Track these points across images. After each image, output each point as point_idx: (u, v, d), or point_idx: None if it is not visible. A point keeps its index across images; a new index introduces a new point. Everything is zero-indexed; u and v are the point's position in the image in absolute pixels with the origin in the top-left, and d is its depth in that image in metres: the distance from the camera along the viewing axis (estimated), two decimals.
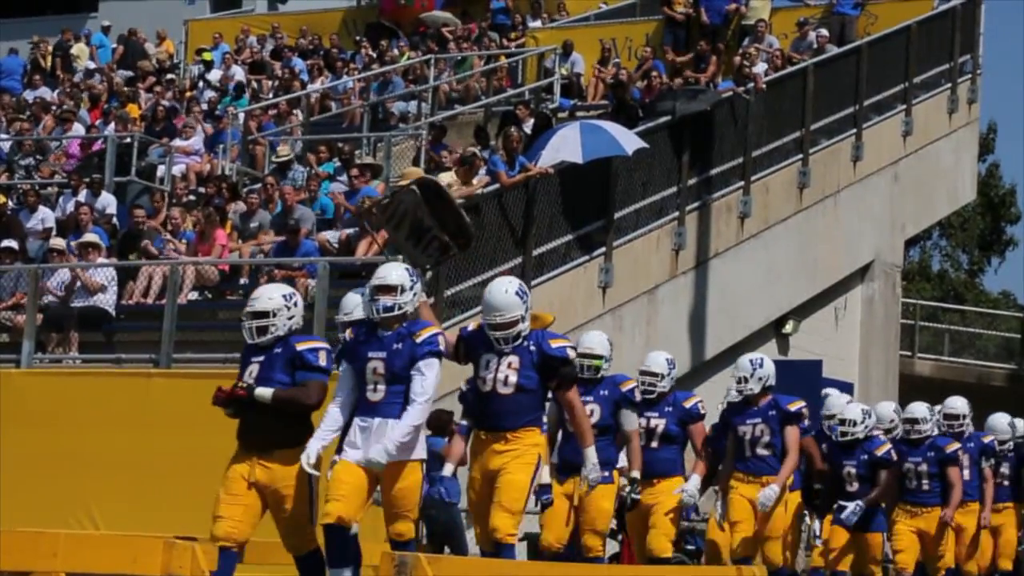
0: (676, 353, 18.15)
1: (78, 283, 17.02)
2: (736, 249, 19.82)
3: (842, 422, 12.95)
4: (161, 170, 21.62)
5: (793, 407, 11.70)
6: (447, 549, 13.51)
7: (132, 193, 20.79)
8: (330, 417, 8.85)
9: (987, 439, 14.30)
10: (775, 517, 11.65)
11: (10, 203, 20.16)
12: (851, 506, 12.59)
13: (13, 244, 18.21)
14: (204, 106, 24.21)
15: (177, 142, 22.12)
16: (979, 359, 31.41)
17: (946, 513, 13.29)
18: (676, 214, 19.00)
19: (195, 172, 21.55)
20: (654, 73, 21.85)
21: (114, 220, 19.64)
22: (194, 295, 17.36)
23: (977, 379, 29.85)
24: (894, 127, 22.19)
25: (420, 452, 8.82)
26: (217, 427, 8.95)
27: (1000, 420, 14.98)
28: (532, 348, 9.20)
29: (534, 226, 17.10)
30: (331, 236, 17.45)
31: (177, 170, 21.53)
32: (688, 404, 11.74)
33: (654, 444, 11.51)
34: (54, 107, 24.73)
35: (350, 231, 17.32)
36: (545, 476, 9.60)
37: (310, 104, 24.05)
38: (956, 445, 13.59)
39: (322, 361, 8.97)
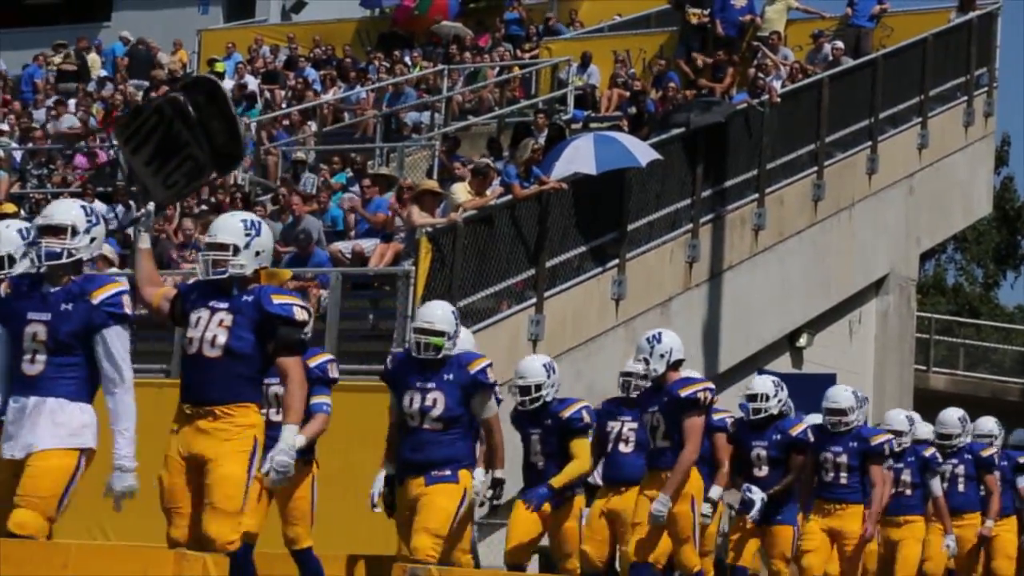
0: (689, 365, 18.09)
1: None
2: (750, 262, 19.74)
3: (752, 398, 11.84)
4: None
5: (685, 392, 10.32)
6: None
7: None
8: None
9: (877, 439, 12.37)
10: (680, 516, 10.41)
11: (22, 212, 20.14)
12: (757, 503, 11.55)
13: None
14: None
15: None
16: (994, 373, 31.32)
17: (866, 529, 12.06)
18: (690, 226, 18.92)
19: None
20: (671, 84, 21.80)
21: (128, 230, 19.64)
22: None
23: (992, 394, 29.73)
24: (909, 140, 22.11)
25: (85, 440, 7.29)
26: None
27: (897, 414, 13.57)
28: (250, 301, 7.62)
29: (547, 238, 17.03)
30: (343, 247, 17.41)
31: None
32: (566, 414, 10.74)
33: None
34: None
35: (364, 241, 17.28)
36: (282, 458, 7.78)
37: (323, 114, 24.02)
38: (885, 437, 12.26)
39: None
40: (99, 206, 19.95)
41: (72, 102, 25.45)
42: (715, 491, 11.34)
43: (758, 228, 19.78)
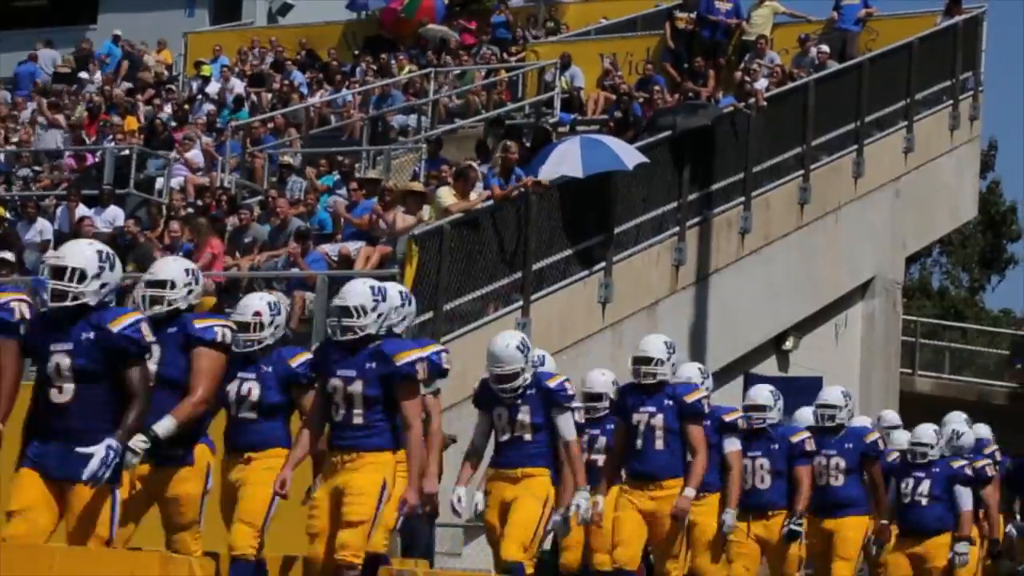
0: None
1: None
2: (736, 265, 19.75)
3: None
4: (159, 182, 21.57)
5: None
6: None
7: (130, 206, 20.74)
8: None
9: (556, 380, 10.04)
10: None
11: (7, 215, 20.10)
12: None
13: (9, 256, 18.15)
14: (203, 118, 24.17)
15: (188, 155, 22.06)
16: (980, 377, 31.35)
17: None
18: (676, 229, 18.94)
19: (193, 185, 21.49)
20: (656, 88, 21.82)
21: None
22: None
23: (978, 397, 29.75)
24: (895, 143, 22.13)
25: None
26: (217, 442, 8.83)
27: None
28: None
29: (534, 241, 17.03)
30: (330, 249, 17.39)
31: (175, 183, 21.47)
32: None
33: None
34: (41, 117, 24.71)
35: (350, 244, 17.27)
36: None
37: (309, 117, 24.01)
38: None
39: None
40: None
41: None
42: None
43: (744, 231, 19.80)
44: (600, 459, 11.00)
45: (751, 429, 11.66)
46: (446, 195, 16.83)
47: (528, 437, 9.81)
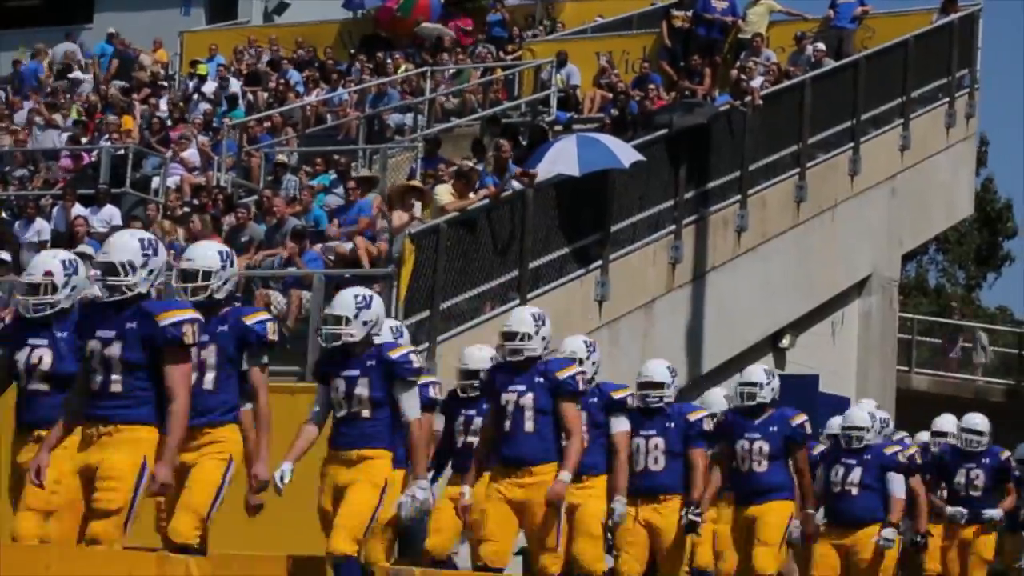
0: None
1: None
2: (733, 263, 19.77)
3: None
4: (155, 182, 21.57)
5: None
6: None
7: (126, 205, 20.74)
8: None
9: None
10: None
11: (3, 214, 20.10)
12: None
13: (6, 256, 18.14)
14: (199, 117, 24.16)
15: (184, 154, 22.06)
16: (976, 374, 31.38)
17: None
18: (673, 227, 18.95)
19: (190, 184, 21.48)
20: (651, 86, 21.84)
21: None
22: None
23: (975, 394, 29.81)
24: (892, 141, 22.15)
25: None
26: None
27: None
28: None
29: (530, 239, 17.04)
30: (327, 249, 17.38)
31: (171, 182, 21.47)
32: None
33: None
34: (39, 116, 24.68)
35: (346, 243, 17.26)
36: None
37: (305, 116, 24.01)
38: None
39: None
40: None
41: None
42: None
43: (741, 229, 19.81)
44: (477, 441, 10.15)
45: (647, 408, 11.02)
46: (443, 194, 16.84)
47: (366, 414, 8.62)
